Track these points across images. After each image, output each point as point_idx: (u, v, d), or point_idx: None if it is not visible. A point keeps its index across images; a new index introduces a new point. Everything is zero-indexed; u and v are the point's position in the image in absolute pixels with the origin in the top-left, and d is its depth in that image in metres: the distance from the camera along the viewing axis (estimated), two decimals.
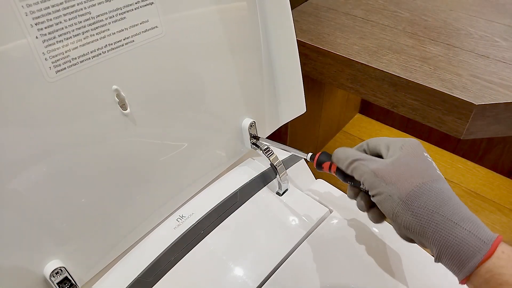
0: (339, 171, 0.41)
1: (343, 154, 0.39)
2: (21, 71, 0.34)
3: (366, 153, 0.40)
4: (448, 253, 0.31)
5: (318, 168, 0.44)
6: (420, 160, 0.35)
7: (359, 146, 0.41)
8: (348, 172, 0.38)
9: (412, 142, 0.37)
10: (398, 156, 0.35)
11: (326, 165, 0.43)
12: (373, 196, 0.36)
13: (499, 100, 0.60)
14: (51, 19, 0.34)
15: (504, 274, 0.29)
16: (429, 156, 0.36)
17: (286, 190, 0.58)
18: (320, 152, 0.44)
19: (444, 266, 0.32)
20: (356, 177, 0.37)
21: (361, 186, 0.38)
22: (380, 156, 0.39)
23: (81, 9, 0.36)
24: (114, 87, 0.41)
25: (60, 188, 0.40)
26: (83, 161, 0.41)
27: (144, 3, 0.40)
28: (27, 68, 0.34)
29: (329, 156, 0.43)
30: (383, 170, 0.35)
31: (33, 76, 0.35)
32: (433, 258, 0.33)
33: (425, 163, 0.35)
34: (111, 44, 0.39)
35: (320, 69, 0.78)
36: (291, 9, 0.54)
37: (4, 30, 0.32)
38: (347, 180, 0.41)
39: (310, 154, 0.46)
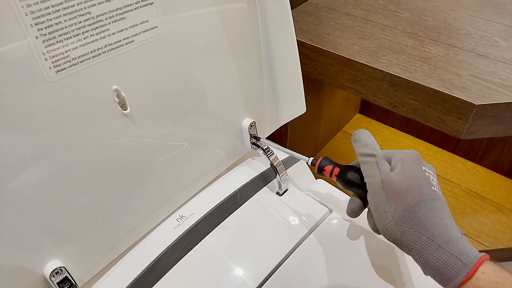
0: (340, 176, 0.42)
1: (367, 139, 0.39)
2: (21, 71, 0.34)
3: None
4: (432, 272, 0.33)
5: (319, 172, 0.44)
6: (419, 175, 0.36)
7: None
8: (359, 159, 0.39)
9: (411, 154, 0.38)
10: (402, 168, 0.36)
11: (328, 168, 0.43)
12: (369, 204, 0.37)
13: (499, 100, 0.60)
14: (51, 19, 0.34)
15: None
16: (427, 169, 0.37)
17: (286, 190, 0.58)
18: (321, 158, 0.44)
19: None
20: (363, 172, 0.38)
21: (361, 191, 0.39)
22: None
23: (81, 9, 0.36)
24: (114, 87, 0.41)
25: (60, 188, 0.40)
26: (83, 161, 0.41)
27: (144, 3, 0.40)
28: (27, 68, 0.34)
29: (330, 161, 0.43)
30: (390, 185, 0.36)
31: (33, 76, 0.35)
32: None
33: (423, 179, 0.36)
34: (111, 44, 0.39)
35: (320, 69, 0.78)
36: (291, 9, 0.54)
37: (4, 30, 0.32)
38: (348, 187, 0.41)
39: (311, 158, 0.46)
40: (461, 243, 0.33)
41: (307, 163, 0.47)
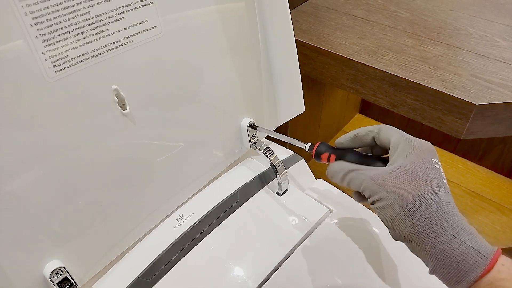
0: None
1: (338, 166, 0.38)
2: (20, 71, 0.34)
3: (375, 140, 0.38)
4: (445, 266, 0.31)
5: (317, 158, 0.42)
6: (426, 168, 0.34)
7: (370, 131, 0.39)
8: (345, 184, 0.37)
9: (422, 147, 0.35)
10: (401, 164, 0.34)
11: (324, 156, 0.41)
12: (372, 203, 0.35)
13: (499, 100, 0.60)
14: (50, 19, 0.34)
15: (505, 287, 0.29)
16: (438, 163, 0.35)
17: (286, 190, 0.57)
18: (318, 143, 0.42)
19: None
20: (354, 187, 0.36)
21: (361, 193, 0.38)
22: (384, 149, 0.38)
23: (81, 9, 0.36)
24: (114, 87, 0.41)
25: (59, 189, 0.40)
26: (82, 162, 0.41)
27: (143, 3, 0.40)
28: (26, 68, 0.34)
29: (328, 147, 0.42)
30: (383, 178, 0.34)
31: (33, 76, 0.35)
32: (428, 268, 0.32)
33: (430, 171, 0.34)
34: (111, 44, 0.39)
35: (320, 69, 0.78)
36: (291, 9, 0.54)
37: (4, 30, 0.32)
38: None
39: (308, 144, 0.44)
40: (475, 234, 0.31)
41: (304, 149, 0.45)
